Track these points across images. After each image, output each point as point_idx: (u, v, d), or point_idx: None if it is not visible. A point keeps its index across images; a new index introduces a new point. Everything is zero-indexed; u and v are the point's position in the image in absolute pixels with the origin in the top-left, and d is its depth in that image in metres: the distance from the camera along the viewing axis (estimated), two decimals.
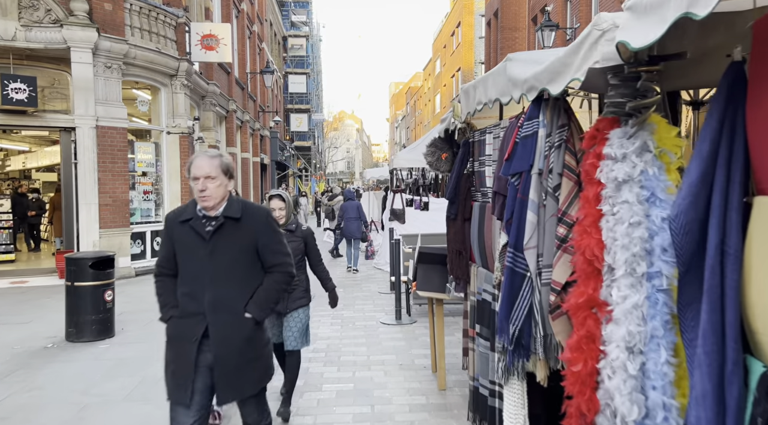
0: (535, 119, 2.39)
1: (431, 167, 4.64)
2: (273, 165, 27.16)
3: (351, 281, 10.14)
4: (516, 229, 2.39)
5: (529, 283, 2.36)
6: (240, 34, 19.95)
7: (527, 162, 2.38)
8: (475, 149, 3.73)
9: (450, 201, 3.92)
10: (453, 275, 3.95)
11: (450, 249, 4.00)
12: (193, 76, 12.75)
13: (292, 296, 4.15)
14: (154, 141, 12.09)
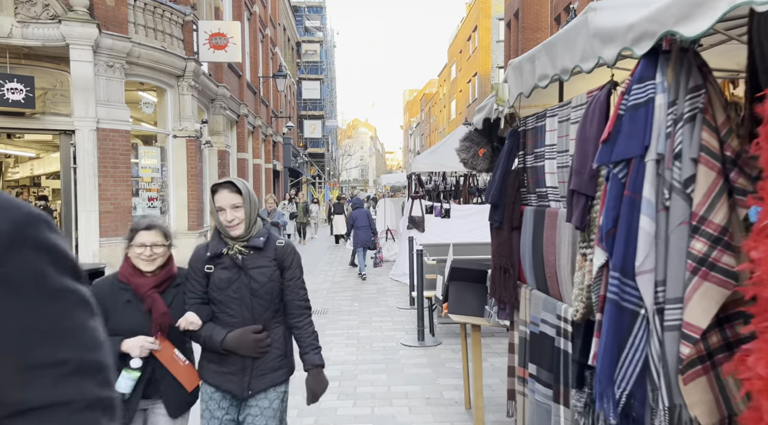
0: (650, 81, 1.63)
1: (466, 165, 3.88)
2: (286, 172, 26.58)
3: (367, 295, 9.38)
4: (623, 243, 1.62)
5: (644, 325, 1.60)
6: (252, 37, 19.43)
7: (639, 143, 1.62)
8: (528, 139, 2.97)
9: (493, 205, 3.16)
10: (496, 297, 3.18)
11: (493, 265, 3.23)
12: (201, 77, 12.15)
13: (261, 366, 2.40)
14: (160, 145, 11.49)
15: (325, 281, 11.02)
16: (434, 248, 8.35)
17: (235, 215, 2.31)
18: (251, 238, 2.37)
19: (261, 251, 2.38)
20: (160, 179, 11.39)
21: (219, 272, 2.35)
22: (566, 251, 2.41)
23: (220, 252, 2.35)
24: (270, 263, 2.40)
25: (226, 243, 2.37)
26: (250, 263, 2.36)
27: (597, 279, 1.75)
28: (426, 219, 10.11)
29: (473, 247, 8.31)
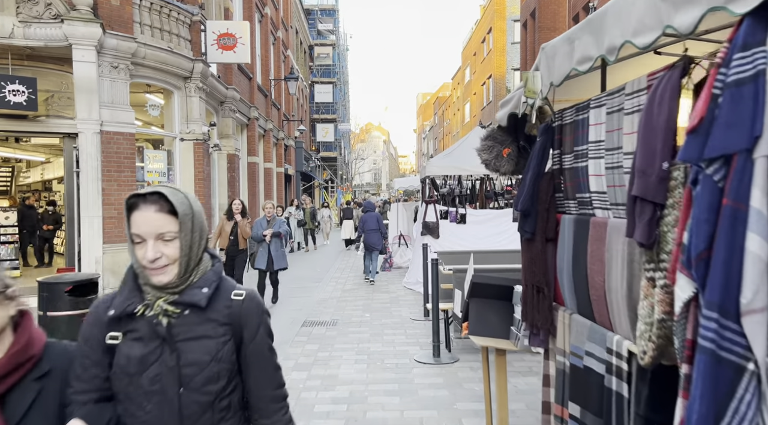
0: (759, 48, 1.19)
1: (488, 167, 3.45)
2: (298, 176, 26.28)
3: (379, 304, 8.95)
4: (722, 271, 1.18)
5: (754, 385, 1.16)
6: (263, 40, 19.17)
7: (745, 133, 1.18)
8: (566, 135, 2.53)
9: (523, 214, 2.72)
10: (528, 320, 2.74)
11: (525, 283, 2.78)
12: (210, 79, 11.85)
13: None
14: (167, 148, 11.19)
15: (336, 289, 10.61)
16: (450, 256, 7.90)
17: (163, 252, 1.39)
18: (187, 288, 1.44)
19: (203, 311, 1.44)
20: (167, 184, 11.06)
21: (129, 345, 1.41)
22: (619, 270, 1.96)
23: (133, 311, 1.41)
24: (217, 330, 1.44)
25: (144, 297, 1.44)
26: (181, 333, 1.41)
27: (681, 318, 1.31)
28: (441, 225, 9.66)
29: (491, 255, 7.85)
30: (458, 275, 5.94)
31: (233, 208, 8.47)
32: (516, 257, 7.84)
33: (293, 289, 10.65)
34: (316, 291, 10.36)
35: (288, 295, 9.97)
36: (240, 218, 8.34)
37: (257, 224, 8.50)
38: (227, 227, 8.40)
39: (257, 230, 8.39)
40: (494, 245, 9.60)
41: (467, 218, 9.64)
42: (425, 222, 9.67)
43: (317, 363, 5.76)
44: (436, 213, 9.65)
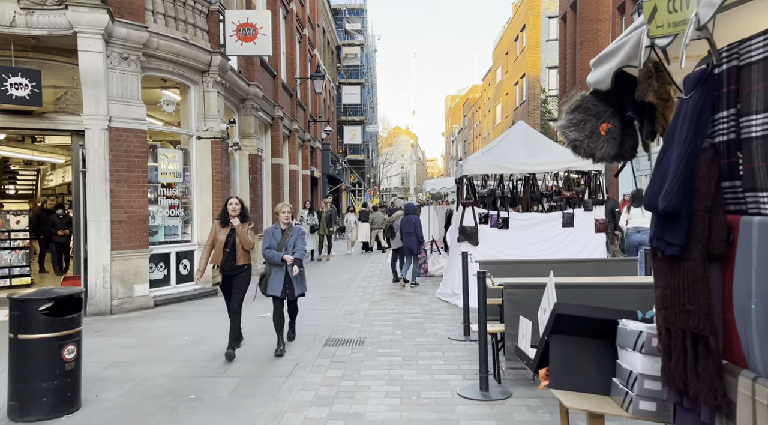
0: None
1: (577, 151, 2.45)
2: (324, 179, 25.52)
3: (411, 318, 7.96)
4: None
5: None
6: (288, 37, 18.44)
7: None
8: (751, 83, 1.50)
9: (667, 215, 1.69)
10: (671, 383, 1.71)
11: (665, 323, 1.75)
12: (229, 73, 11.08)
13: None
14: (182, 147, 10.45)
15: (363, 300, 9.66)
16: (494, 266, 6.86)
17: None
18: None
19: None
20: (183, 185, 10.34)
21: None
22: None
23: None
24: None
25: None
26: None
27: None
28: (480, 230, 8.62)
29: (543, 266, 6.78)
30: (512, 293, 4.91)
31: (228, 209, 6.17)
32: (573, 269, 6.75)
33: (316, 300, 9.74)
34: (341, 303, 9.43)
35: (310, 307, 9.06)
36: (238, 224, 6.12)
37: (268, 235, 6.38)
38: (221, 236, 6.14)
39: (269, 243, 6.30)
40: (541, 253, 8.53)
41: (510, 223, 8.58)
42: (462, 227, 8.65)
43: (340, 397, 4.80)
44: (474, 217, 8.62)
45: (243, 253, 6.14)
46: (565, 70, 19.99)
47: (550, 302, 2.73)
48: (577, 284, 4.88)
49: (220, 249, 6.11)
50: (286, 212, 6.47)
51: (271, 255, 6.22)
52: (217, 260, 6.18)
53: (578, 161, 8.88)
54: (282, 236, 6.35)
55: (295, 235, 6.39)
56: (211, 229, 6.38)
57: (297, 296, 6.52)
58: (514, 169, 8.57)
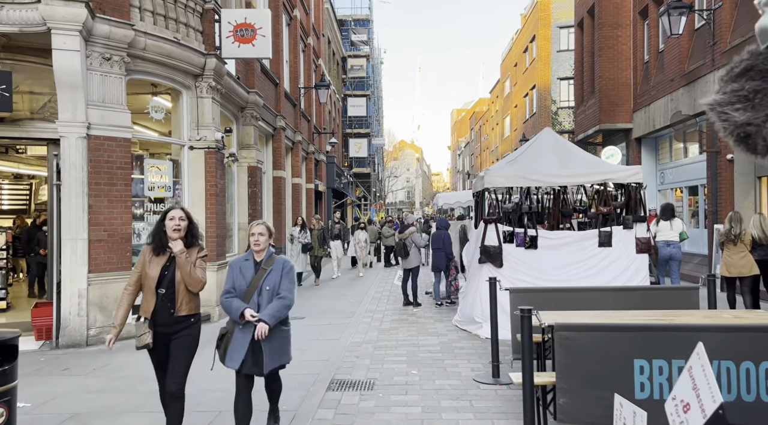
0: None
1: (748, 142, 1.44)
2: (329, 193, 24.59)
3: (427, 353, 6.92)
4: None
5: None
6: (292, 45, 17.64)
7: None
8: None
9: None
10: None
11: None
12: (226, 78, 10.20)
13: None
14: (173, 158, 9.52)
15: (371, 327, 8.63)
16: (526, 295, 5.85)
17: None
18: None
19: None
20: (173, 199, 9.38)
21: None
22: None
23: None
24: None
25: None
26: None
27: None
28: (504, 250, 7.60)
29: (583, 295, 5.77)
30: (566, 337, 3.87)
31: (167, 226, 3.89)
32: (618, 299, 5.70)
33: (319, 328, 8.73)
34: (347, 331, 8.41)
35: (312, 337, 8.05)
36: (181, 249, 3.86)
37: (232, 271, 4.02)
38: (153, 270, 3.87)
39: (232, 283, 3.96)
40: (574, 277, 7.50)
41: (539, 242, 7.57)
42: (484, 246, 7.64)
43: None
44: (498, 235, 7.61)
45: (187, 297, 3.87)
46: (582, 79, 19.06)
47: (704, 394, 1.71)
48: (643, 327, 3.85)
49: (151, 291, 3.81)
50: (258, 234, 4.01)
51: (228, 306, 3.87)
52: (146, 310, 3.81)
53: (617, 172, 7.91)
54: (255, 272, 3.97)
55: (278, 272, 3.97)
56: (138, 259, 3.99)
57: (272, 370, 4.00)
58: (544, 181, 7.58)
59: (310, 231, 13.79)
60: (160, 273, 3.85)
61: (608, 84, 16.53)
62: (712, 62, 11.62)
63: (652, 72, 14.99)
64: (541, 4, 32.17)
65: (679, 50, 13.15)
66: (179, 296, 3.86)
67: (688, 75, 12.68)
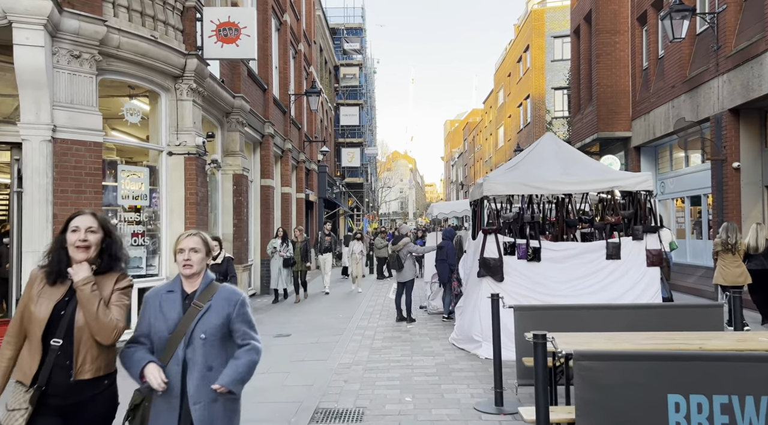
0: None
1: None
2: (321, 203, 23.99)
3: (423, 377, 6.32)
4: None
5: None
6: (281, 50, 17.14)
7: None
8: None
9: None
10: None
11: None
12: (208, 80, 9.64)
13: None
14: (150, 164, 8.92)
15: (362, 346, 8.02)
16: (531, 313, 5.30)
17: None
18: None
19: None
20: (149, 209, 8.78)
21: None
22: None
23: None
24: None
25: None
26: None
27: None
28: (505, 263, 7.04)
29: (596, 314, 5.22)
30: (587, 367, 3.27)
31: (68, 240, 2.53)
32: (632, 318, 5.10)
33: (305, 347, 8.11)
34: (336, 350, 7.79)
35: (296, 357, 7.43)
36: (83, 277, 2.47)
37: (150, 307, 2.67)
38: (42, 309, 2.46)
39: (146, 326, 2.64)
40: (581, 292, 6.94)
41: (542, 254, 7.01)
42: (483, 259, 7.07)
43: None
44: (498, 247, 7.05)
45: (95, 351, 2.52)
46: (578, 87, 18.68)
47: None
48: (678, 356, 3.29)
49: (37, 341, 2.46)
50: (189, 250, 2.67)
51: (127, 359, 2.58)
52: (26, 372, 2.46)
53: (625, 179, 7.39)
54: (183, 310, 2.64)
55: (221, 311, 2.64)
56: (24, 291, 2.60)
57: None
58: (547, 188, 7.04)
59: (293, 244, 12.59)
60: (52, 313, 2.46)
61: (606, 92, 16.13)
62: (716, 67, 11.21)
63: (652, 79, 14.59)
64: (536, 14, 32.02)
65: (680, 56, 12.75)
66: (81, 349, 2.47)
67: (690, 81, 12.26)
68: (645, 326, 4.90)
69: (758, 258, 8.08)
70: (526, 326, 5.05)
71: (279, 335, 9.19)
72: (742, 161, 10.62)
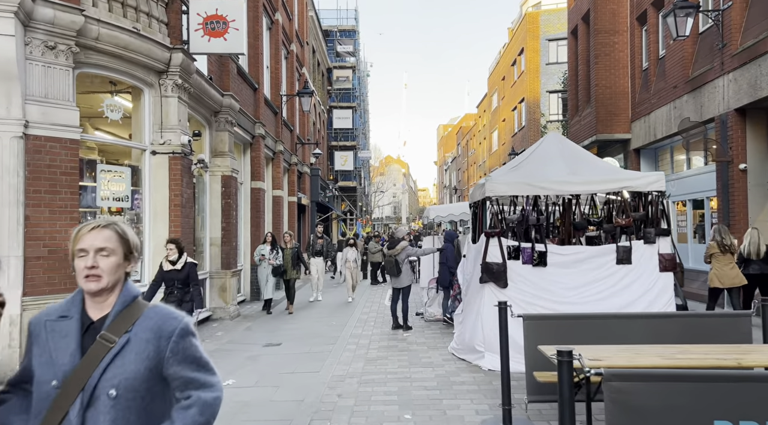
0: None
1: None
2: (313, 207, 23.52)
3: (422, 391, 5.87)
4: None
5: None
6: (273, 50, 16.71)
7: None
8: None
9: None
10: None
11: None
12: (195, 77, 9.20)
13: None
14: (132, 164, 8.45)
15: (356, 357, 7.55)
16: (541, 323, 4.88)
17: None
18: None
19: None
20: (131, 211, 8.30)
21: None
22: None
23: None
24: None
25: None
26: None
27: None
28: (509, 267, 6.62)
29: (612, 324, 4.82)
30: (618, 389, 2.83)
31: None
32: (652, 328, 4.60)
33: (296, 357, 7.65)
34: (329, 361, 7.33)
35: (287, 369, 6.96)
36: None
37: (33, 339, 1.73)
38: None
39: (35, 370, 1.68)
40: (589, 299, 6.55)
41: (548, 258, 6.60)
42: (486, 264, 6.65)
43: None
44: (502, 250, 6.63)
45: None
46: (576, 89, 18.37)
47: None
48: (724, 376, 2.87)
49: None
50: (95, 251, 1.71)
51: None
52: None
53: (636, 179, 6.99)
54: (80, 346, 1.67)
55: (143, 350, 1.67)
56: None
57: None
58: (553, 189, 6.63)
59: (282, 250, 11.63)
60: None
61: (605, 93, 15.80)
62: (721, 66, 10.89)
63: (652, 79, 14.29)
64: (530, 17, 31.81)
65: (682, 55, 12.44)
66: None
67: (693, 81, 11.94)
68: (668, 337, 4.49)
69: (758, 263, 8.05)
70: (537, 337, 4.64)
71: (269, 344, 8.71)
72: (749, 163, 10.28)
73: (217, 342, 8.88)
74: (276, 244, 11.65)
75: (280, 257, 11.37)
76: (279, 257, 11.35)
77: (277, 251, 11.42)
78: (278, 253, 11.41)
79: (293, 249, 11.83)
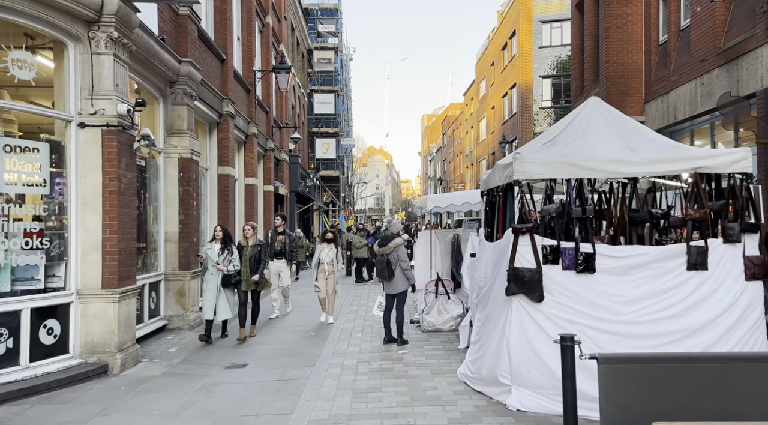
0: None
1: None
2: (292, 197, 21.69)
3: None
4: None
5: None
6: (246, 20, 14.80)
7: None
8: None
9: None
10: None
11: None
12: (139, 32, 7.35)
13: None
14: (53, 139, 6.59)
15: (342, 387, 5.84)
16: (623, 368, 3.23)
17: None
18: None
19: None
20: (52, 199, 6.46)
21: None
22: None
23: None
24: None
25: None
26: None
27: None
28: (545, 274, 4.97)
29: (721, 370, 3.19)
30: None
31: None
32: None
33: (262, 388, 5.92)
34: (305, 394, 5.62)
35: (249, 409, 5.23)
36: None
37: None
38: None
39: None
40: (650, 318, 4.97)
41: (597, 262, 4.96)
42: (515, 270, 4.99)
43: None
44: (536, 253, 4.97)
45: None
46: (581, 68, 16.81)
47: None
48: None
49: None
50: None
51: None
52: None
53: (712, 157, 5.36)
54: None
55: None
56: None
57: None
58: (607, 170, 4.97)
59: (240, 250, 8.44)
60: None
61: (616, 70, 14.26)
62: (765, 33, 9.35)
63: (672, 54, 12.75)
64: None
65: (712, 24, 10.91)
66: None
67: (728, 52, 10.41)
68: None
69: None
70: (619, 388, 3.02)
71: (232, 365, 7.00)
72: None
73: (167, 361, 7.13)
74: (230, 241, 8.39)
75: (236, 261, 8.22)
76: (235, 261, 8.20)
77: (231, 252, 8.23)
78: (233, 254, 8.24)
79: (256, 247, 8.56)
